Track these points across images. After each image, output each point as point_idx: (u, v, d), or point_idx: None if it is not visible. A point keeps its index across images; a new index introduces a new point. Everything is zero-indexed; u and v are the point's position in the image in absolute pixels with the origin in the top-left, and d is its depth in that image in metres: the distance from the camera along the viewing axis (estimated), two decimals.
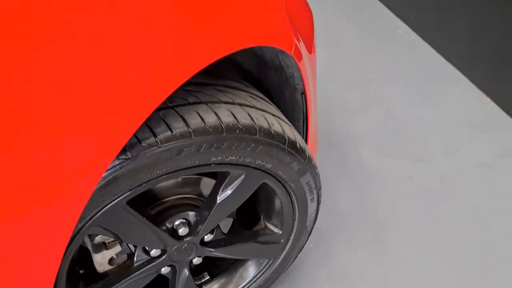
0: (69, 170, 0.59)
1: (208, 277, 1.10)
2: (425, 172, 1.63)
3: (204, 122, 0.74)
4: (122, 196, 0.74)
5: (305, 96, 1.03)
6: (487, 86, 1.94)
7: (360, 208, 1.51)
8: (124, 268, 0.91)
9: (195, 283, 1.05)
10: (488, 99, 1.91)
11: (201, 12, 0.67)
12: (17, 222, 0.58)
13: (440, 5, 2.19)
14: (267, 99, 0.95)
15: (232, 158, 0.80)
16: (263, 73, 1.06)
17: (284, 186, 0.93)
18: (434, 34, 2.26)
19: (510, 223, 1.46)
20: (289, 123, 0.94)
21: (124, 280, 0.89)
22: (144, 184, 0.75)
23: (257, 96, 0.91)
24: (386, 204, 1.52)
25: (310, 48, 1.04)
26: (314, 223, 1.07)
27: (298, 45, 0.90)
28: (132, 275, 0.89)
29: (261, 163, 0.84)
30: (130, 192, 0.74)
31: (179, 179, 0.90)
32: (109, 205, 0.73)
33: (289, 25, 0.87)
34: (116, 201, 0.74)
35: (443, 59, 2.17)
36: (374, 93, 1.97)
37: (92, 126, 0.59)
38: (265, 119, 0.83)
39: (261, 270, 1.08)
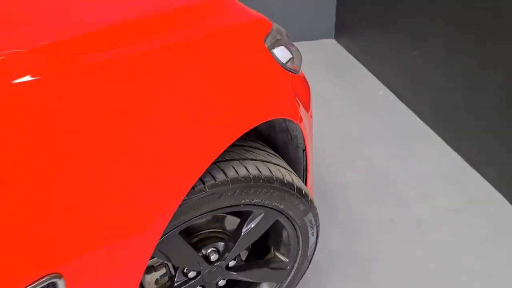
0: (159, 208, 0.86)
1: None
2: (404, 215, 1.92)
3: (237, 173, 1.03)
4: (177, 228, 1.01)
5: (305, 152, 1.34)
6: (455, 143, 2.27)
7: (349, 246, 1.78)
8: None
9: None
10: (455, 153, 2.25)
11: (246, 99, 0.99)
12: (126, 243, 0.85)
13: (414, 71, 2.56)
14: (278, 155, 1.24)
15: (256, 200, 1.08)
16: (272, 134, 1.36)
17: (292, 223, 1.21)
18: (409, 96, 2.62)
19: (474, 260, 1.74)
20: (295, 174, 1.23)
21: None
22: (192, 219, 1.02)
23: (272, 153, 1.20)
24: (371, 243, 1.79)
25: (308, 109, 1.35)
26: (313, 253, 1.34)
27: (301, 114, 1.21)
28: None
29: (276, 205, 1.13)
30: (182, 225, 1.02)
31: (210, 217, 1.17)
32: (168, 234, 1.00)
33: (295, 101, 1.18)
34: (173, 231, 1.01)
35: (417, 118, 2.52)
36: (359, 148, 2.29)
37: (177, 179, 0.87)
38: (279, 171, 1.13)
39: None
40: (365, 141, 2.35)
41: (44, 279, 0.73)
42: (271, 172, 1.09)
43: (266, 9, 2.03)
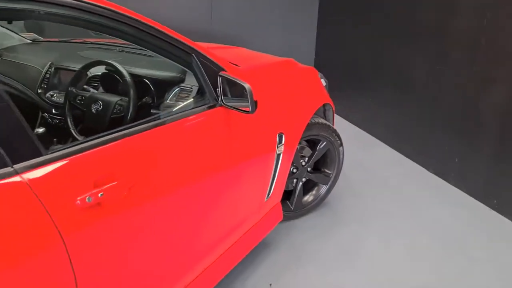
0: (303, 125, 2.46)
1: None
2: None
3: (318, 122, 2.64)
4: (302, 139, 2.57)
5: (332, 121, 2.97)
6: (397, 145, 4.00)
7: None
8: None
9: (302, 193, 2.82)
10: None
11: (318, 93, 2.67)
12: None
13: (370, 111, 4.33)
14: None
15: (323, 134, 2.68)
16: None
17: (334, 150, 2.80)
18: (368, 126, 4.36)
19: None
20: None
21: None
22: (305, 137, 2.59)
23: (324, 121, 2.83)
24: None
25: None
26: (341, 168, 2.91)
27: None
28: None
29: (330, 138, 2.73)
30: (302, 139, 2.58)
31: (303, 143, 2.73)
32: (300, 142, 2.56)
33: (330, 99, 2.85)
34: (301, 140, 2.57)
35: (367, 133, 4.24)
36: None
37: (306, 117, 2.50)
38: (330, 124, 2.75)
39: (323, 188, 2.88)
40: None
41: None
42: (328, 123, 2.71)
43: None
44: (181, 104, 1.90)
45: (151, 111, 1.99)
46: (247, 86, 1.64)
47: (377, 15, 4.14)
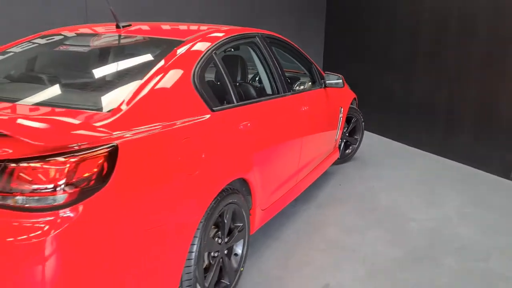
0: (338, 119, 4.74)
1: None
2: None
3: (353, 105, 4.91)
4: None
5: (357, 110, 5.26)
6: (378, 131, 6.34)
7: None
8: None
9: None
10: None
11: (351, 92, 4.96)
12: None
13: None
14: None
15: (355, 114, 4.95)
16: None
17: (360, 123, 5.06)
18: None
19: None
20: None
21: None
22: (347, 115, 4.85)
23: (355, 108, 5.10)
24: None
25: None
26: (363, 134, 5.17)
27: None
28: None
29: (359, 116, 5.00)
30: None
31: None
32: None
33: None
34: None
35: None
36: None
37: (345, 107, 4.79)
38: (357, 110, 5.03)
39: (354, 147, 5.10)
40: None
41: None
42: (356, 108, 4.99)
43: None
44: (309, 85, 4.05)
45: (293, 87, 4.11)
46: (340, 75, 3.91)
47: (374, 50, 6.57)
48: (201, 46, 2.50)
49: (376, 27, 6.42)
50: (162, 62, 2.23)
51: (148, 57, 2.40)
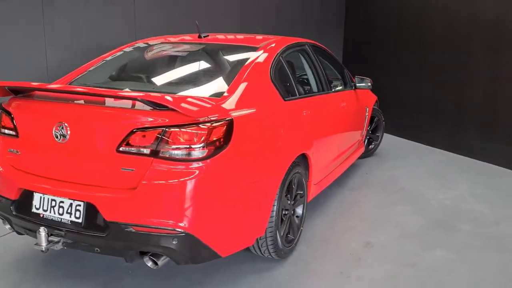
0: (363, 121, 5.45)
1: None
2: None
3: (374, 108, 5.62)
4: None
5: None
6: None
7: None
8: None
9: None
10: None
11: (373, 95, 5.66)
12: None
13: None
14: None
15: (377, 114, 5.64)
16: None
17: (381, 122, 5.75)
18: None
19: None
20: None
21: None
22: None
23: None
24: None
25: None
26: (383, 132, 5.86)
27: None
28: None
29: (380, 115, 5.69)
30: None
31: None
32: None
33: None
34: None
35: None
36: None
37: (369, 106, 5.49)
38: (379, 111, 5.73)
39: (375, 143, 5.78)
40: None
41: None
42: (379, 109, 5.69)
43: None
44: (341, 87, 4.75)
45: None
46: (369, 79, 4.62)
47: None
48: (272, 51, 3.22)
49: (389, 39, 7.15)
50: (248, 62, 2.96)
51: (235, 57, 3.16)
